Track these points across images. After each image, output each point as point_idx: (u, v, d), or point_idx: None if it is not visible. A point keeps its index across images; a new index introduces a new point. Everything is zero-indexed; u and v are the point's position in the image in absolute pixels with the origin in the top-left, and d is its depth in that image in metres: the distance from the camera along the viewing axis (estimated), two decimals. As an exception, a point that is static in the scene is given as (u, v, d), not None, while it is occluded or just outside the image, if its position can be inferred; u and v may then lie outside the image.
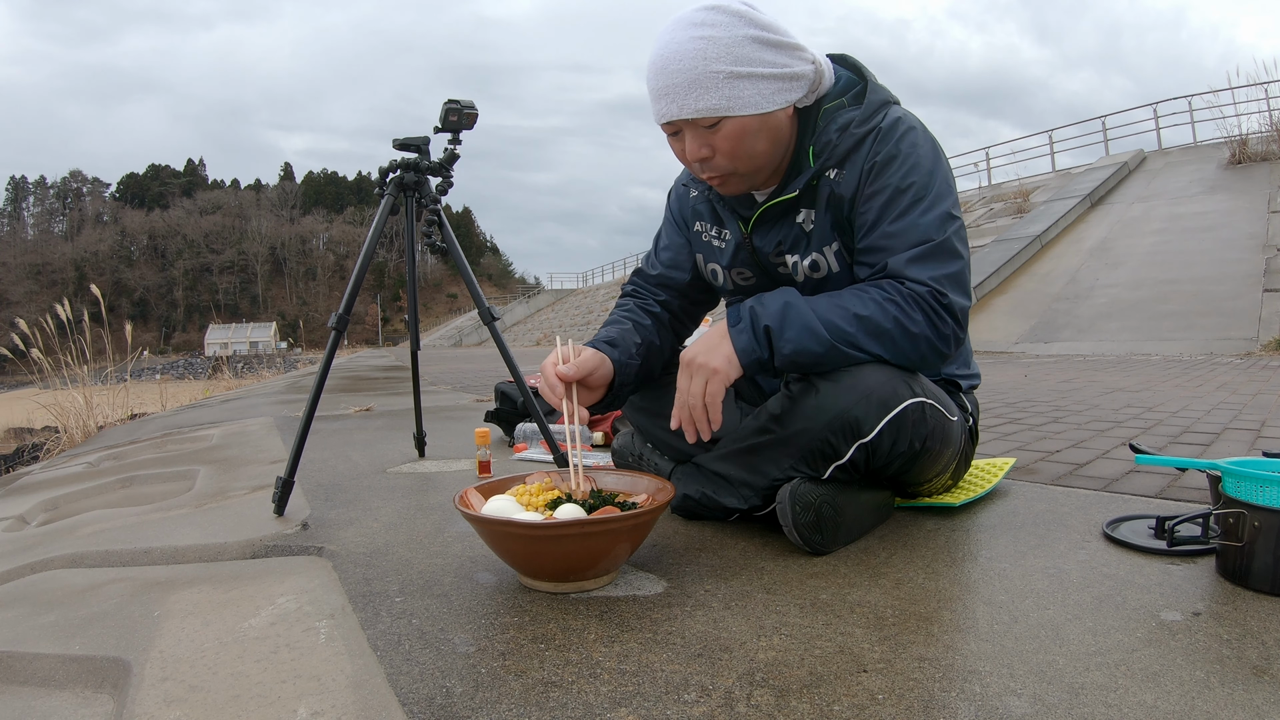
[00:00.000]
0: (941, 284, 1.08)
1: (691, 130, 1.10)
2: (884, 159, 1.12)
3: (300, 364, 21.40)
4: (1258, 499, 0.92)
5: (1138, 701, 0.68)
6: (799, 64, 1.11)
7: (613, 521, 0.94)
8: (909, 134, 1.13)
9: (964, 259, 1.12)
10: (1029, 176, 15.47)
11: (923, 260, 1.09)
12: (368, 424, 3.08)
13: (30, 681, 0.88)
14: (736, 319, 1.09)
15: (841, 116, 1.15)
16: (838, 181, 1.15)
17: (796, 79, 1.11)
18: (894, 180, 1.11)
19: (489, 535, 0.99)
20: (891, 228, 1.11)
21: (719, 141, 1.09)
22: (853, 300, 1.08)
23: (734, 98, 1.06)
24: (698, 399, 1.07)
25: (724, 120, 1.07)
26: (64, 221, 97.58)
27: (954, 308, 1.09)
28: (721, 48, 1.05)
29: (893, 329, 1.07)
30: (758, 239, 1.25)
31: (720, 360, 1.07)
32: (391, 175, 1.78)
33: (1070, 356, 6.46)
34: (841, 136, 1.14)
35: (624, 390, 1.26)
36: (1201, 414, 2.71)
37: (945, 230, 1.11)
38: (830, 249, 1.19)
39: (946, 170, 1.16)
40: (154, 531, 1.45)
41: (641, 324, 1.33)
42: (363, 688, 0.76)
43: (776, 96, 1.09)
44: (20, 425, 8.16)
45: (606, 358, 1.20)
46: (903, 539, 1.19)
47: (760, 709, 0.69)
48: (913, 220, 1.10)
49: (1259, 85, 12.03)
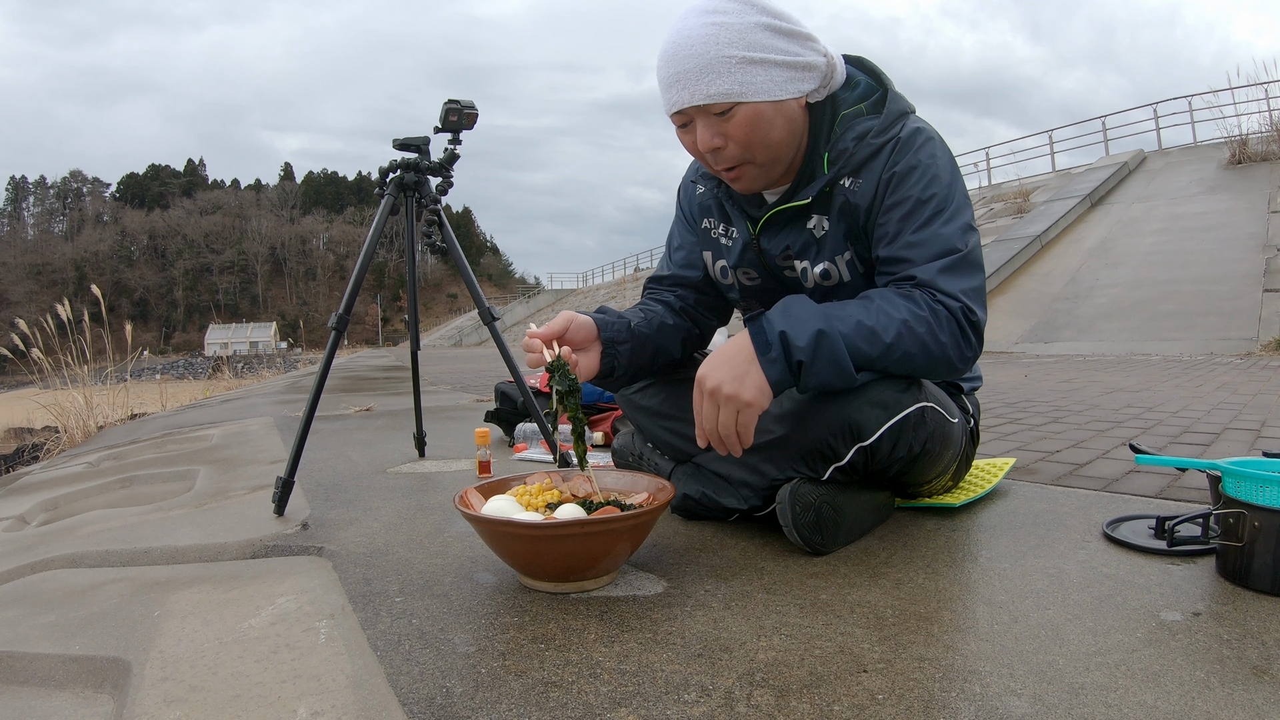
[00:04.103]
0: (971, 298, 1.07)
1: (703, 119, 1.08)
2: (904, 169, 1.10)
3: (300, 364, 21.40)
4: (1258, 499, 0.92)
5: (1138, 701, 0.68)
6: (811, 54, 1.10)
7: (613, 521, 0.94)
8: (928, 144, 1.12)
9: (984, 272, 1.12)
10: (1029, 176, 15.48)
11: (952, 271, 1.07)
12: (368, 424, 3.08)
13: (30, 681, 0.88)
14: (766, 346, 1.02)
15: (859, 125, 1.14)
16: (853, 190, 1.14)
17: (809, 69, 1.10)
18: (915, 191, 1.10)
19: (489, 535, 0.99)
20: (915, 237, 1.09)
21: (732, 129, 1.08)
22: (882, 319, 1.03)
23: (747, 83, 1.05)
24: (730, 429, 1.03)
25: (737, 107, 1.06)
26: (64, 221, 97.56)
27: (980, 326, 1.08)
28: (734, 33, 1.04)
29: (918, 354, 1.05)
30: (765, 241, 1.24)
31: (752, 392, 1.02)
32: (391, 175, 1.78)
33: (1070, 356, 6.46)
34: (859, 145, 1.13)
35: (620, 349, 1.21)
36: (1201, 414, 2.71)
37: (968, 241, 1.10)
38: (843, 258, 1.18)
39: (963, 183, 1.16)
40: (154, 531, 1.45)
41: (650, 308, 1.33)
42: (363, 688, 0.75)
43: (789, 85, 1.08)
44: (20, 425, 8.16)
45: (578, 315, 1.17)
46: (903, 539, 1.19)
47: (760, 709, 0.69)
48: (935, 230, 1.09)
49: (1259, 85, 12.05)
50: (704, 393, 1.04)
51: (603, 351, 1.20)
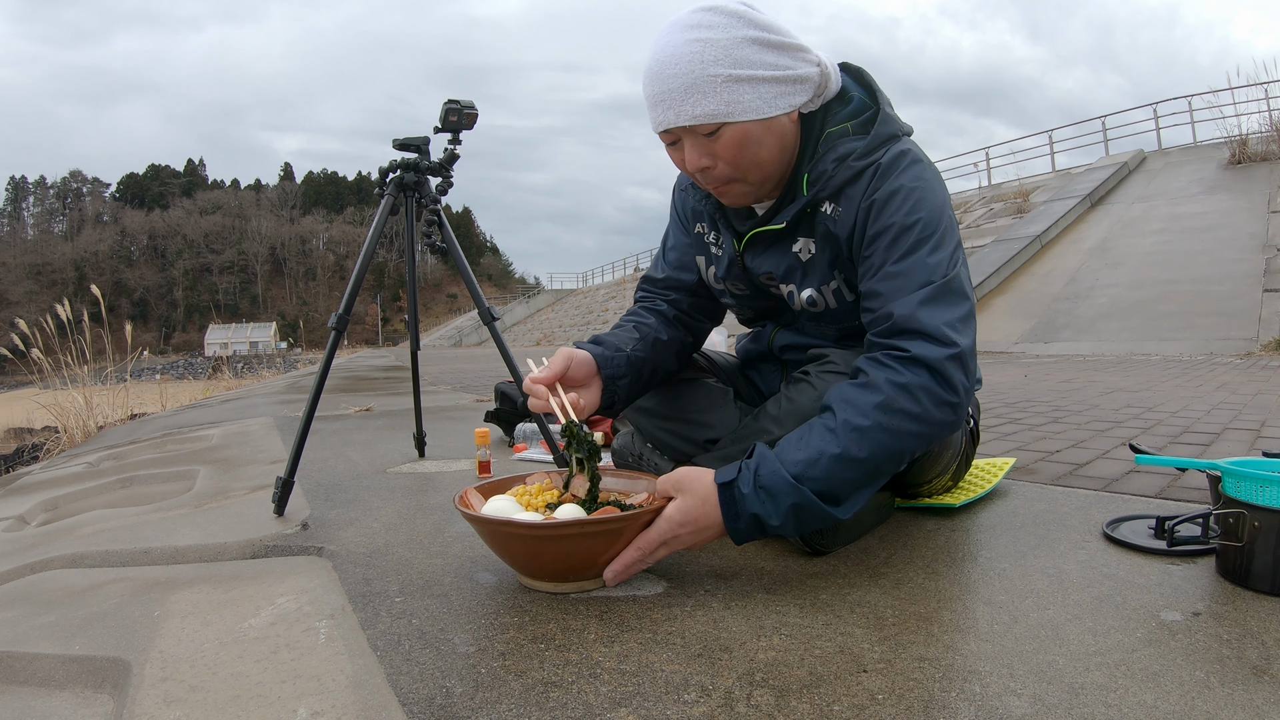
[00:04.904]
0: (955, 329, 0.99)
1: (691, 139, 1.04)
2: (884, 196, 1.05)
3: (300, 364, 21.40)
4: (1258, 499, 0.92)
5: (1138, 701, 0.68)
6: (802, 66, 1.05)
7: (612, 522, 0.94)
8: (913, 166, 1.06)
9: (972, 300, 1.04)
10: (1029, 176, 15.48)
11: (934, 303, 1.00)
12: (368, 424, 3.08)
13: (30, 681, 0.88)
14: (735, 517, 0.96)
15: (842, 146, 1.08)
16: (833, 219, 1.09)
17: (800, 82, 1.05)
18: (898, 218, 1.04)
19: (489, 535, 0.99)
20: (896, 268, 1.03)
21: (720, 150, 1.03)
22: (855, 441, 0.95)
23: (733, 102, 1.00)
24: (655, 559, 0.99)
25: (724, 127, 1.01)
26: (64, 221, 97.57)
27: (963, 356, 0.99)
28: (719, 50, 0.99)
29: (903, 445, 0.98)
30: (749, 259, 1.21)
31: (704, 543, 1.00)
32: (391, 175, 1.78)
33: (1070, 356, 6.46)
34: (838, 168, 1.07)
35: (619, 384, 1.21)
36: (1201, 414, 2.71)
37: (954, 267, 1.03)
38: (829, 287, 1.15)
39: (952, 211, 1.10)
40: (154, 531, 1.45)
41: (644, 323, 1.31)
42: (363, 688, 0.75)
43: (779, 100, 1.03)
44: (20, 425, 8.16)
45: (576, 352, 1.15)
46: (903, 539, 1.19)
47: (760, 709, 0.69)
48: (920, 259, 1.02)
49: (1259, 85, 12.04)
50: (661, 540, 0.97)
51: (603, 388, 1.18)
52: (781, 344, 1.31)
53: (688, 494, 0.98)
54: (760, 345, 1.36)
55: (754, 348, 1.38)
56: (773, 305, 1.28)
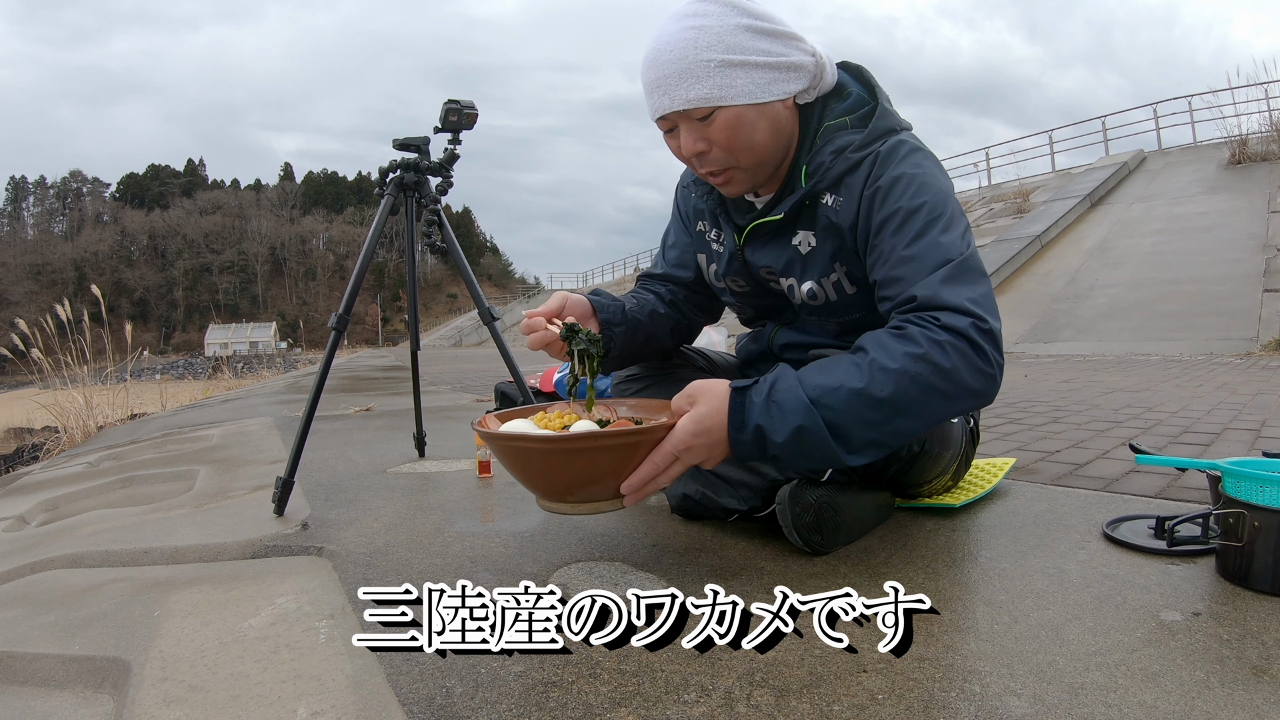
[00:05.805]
0: (981, 306, 0.96)
1: (686, 124, 1.06)
2: (887, 182, 1.04)
3: (300, 364, 21.39)
4: (1258, 499, 0.92)
5: (1138, 701, 0.68)
6: (796, 54, 1.07)
7: (627, 435, 0.92)
8: (912, 155, 1.07)
9: (989, 279, 1.02)
10: (1029, 176, 15.48)
11: (956, 281, 0.97)
12: (368, 424, 3.08)
13: (30, 681, 0.88)
14: (740, 425, 0.94)
15: (840, 139, 1.10)
16: (834, 209, 1.10)
17: (794, 69, 1.07)
18: (903, 202, 1.03)
19: (504, 452, 0.96)
20: (910, 251, 1.01)
21: (714, 134, 1.05)
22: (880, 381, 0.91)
23: (726, 86, 1.02)
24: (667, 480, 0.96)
25: (717, 111, 1.04)
26: (64, 221, 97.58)
27: (996, 334, 0.96)
28: (712, 36, 1.02)
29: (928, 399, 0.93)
30: (749, 253, 1.22)
31: (716, 461, 0.97)
32: (391, 175, 1.78)
33: (1070, 356, 6.46)
34: (836, 160, 1.08)
35: (615, 330, 1.20)
36: (1201, 414, 2.71)
37: (968, 247, 1.01)
38: (829, 280, 1.15)
39: (956, 200, 1.09)
40: (154, 531, 1.45)
41: (642, 297, 1.32)
42: (363, 688, 0.76)
43: (772, 86, 1.06)
44: (20, 425, 8.16)
45: (572, 294, 1.15)
46: (903, 539, 1.19)
47: (760, 709, 0.69)
48: (933, 240, 1.00)
49: (1259, 85, 12.04)
50: (674, 453, 0.94)
51: (599, 332, 1.18)
52: (782, 343, 1.31)
53: (701, 403, 0.95)
54: (760, 345, 1.36)
55: (754, 347, 1.39)
56: (773, 303, 1.29)
